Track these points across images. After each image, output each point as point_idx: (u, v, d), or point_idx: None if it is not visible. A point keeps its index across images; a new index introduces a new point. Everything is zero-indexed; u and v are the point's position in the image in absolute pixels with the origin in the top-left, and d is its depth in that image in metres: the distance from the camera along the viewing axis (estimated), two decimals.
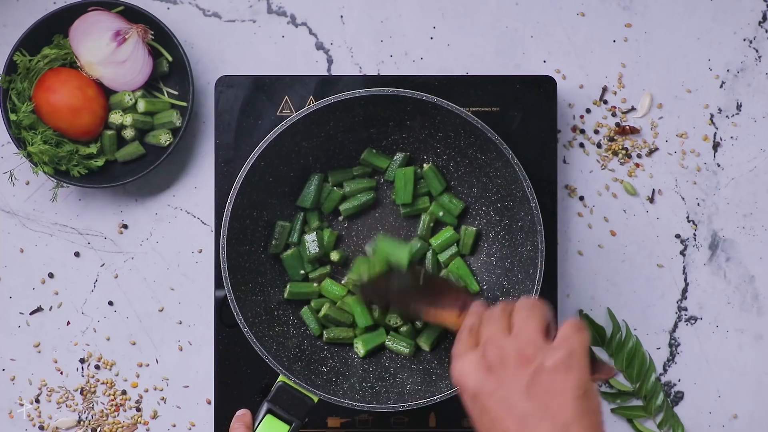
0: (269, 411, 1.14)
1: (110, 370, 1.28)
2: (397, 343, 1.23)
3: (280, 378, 1.16)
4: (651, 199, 1.29)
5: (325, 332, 1.23)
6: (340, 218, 1.25)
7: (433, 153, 1.23)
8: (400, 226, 1.25)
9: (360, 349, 1.22)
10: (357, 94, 1.15)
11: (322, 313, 1.23)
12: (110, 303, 1.28)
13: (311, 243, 1.23)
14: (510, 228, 1.21)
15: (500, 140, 1.16)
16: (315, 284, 1.24)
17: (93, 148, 1.25)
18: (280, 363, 1.16)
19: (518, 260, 1.20)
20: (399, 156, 1.24)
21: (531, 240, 1.17)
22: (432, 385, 1.18)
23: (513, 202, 1.19)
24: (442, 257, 1.24)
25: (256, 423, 1.14)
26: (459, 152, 1.22)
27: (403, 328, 1.24)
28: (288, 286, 1.23)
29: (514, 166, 1.15)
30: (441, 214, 1.24)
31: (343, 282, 1.24)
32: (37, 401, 1.28)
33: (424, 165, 1.24)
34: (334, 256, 1.24)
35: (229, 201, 1.16)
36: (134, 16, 1.24)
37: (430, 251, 1.24)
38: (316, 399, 1.16)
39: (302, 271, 1.24)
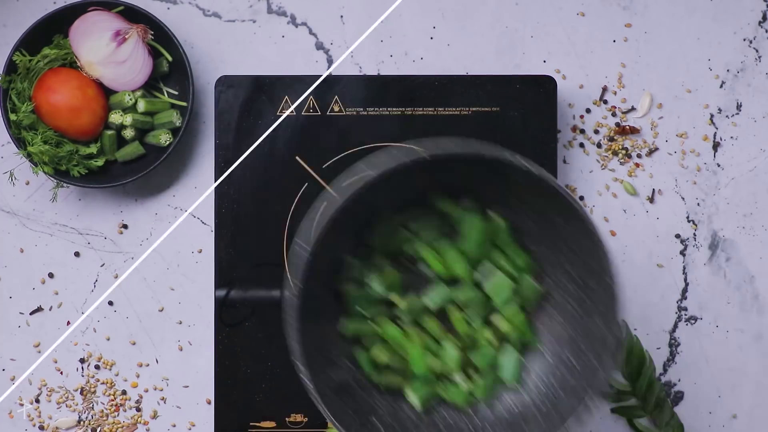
0: None
1: (110, 370, 1.28)
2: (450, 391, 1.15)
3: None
4: (651, 199, 1.29)
5: (378, 377, 1.16)
6: (406, 258, 1.17)
7: (505, 205, 1.15)
8: None
9: (414, 399, 1.15)
10: (424, 156, 1.04)
11: (377, 356, 1.15)
12: (110, 303, 1.28)
13: (376, 283, 1.15)
14: (581, 300, 1.12)
15: (580, 206, 1.05)
16: (374, 325, 1.16)
17: (93, 148, 1.25)
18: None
19: (585, 336, 1.12)
20: (468, 203, 1.15)
21: (604, 321, 1.08)
22: None
23: (589, 274, 1.10)
24: (498, 302, 1.16)
25: None
26: (531, 208, 1.13)
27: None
28: (346, 323, 1.16)
29: (595, 238, 1.06)
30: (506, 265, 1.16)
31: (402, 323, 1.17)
32: (37, 401, 1.28)
33: (495, 218, 1.15)
34: (396, 298, 1.16)
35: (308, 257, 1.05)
36: (134, 16, 1.24)
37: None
38: None
39: (362, 310, 1.16)
